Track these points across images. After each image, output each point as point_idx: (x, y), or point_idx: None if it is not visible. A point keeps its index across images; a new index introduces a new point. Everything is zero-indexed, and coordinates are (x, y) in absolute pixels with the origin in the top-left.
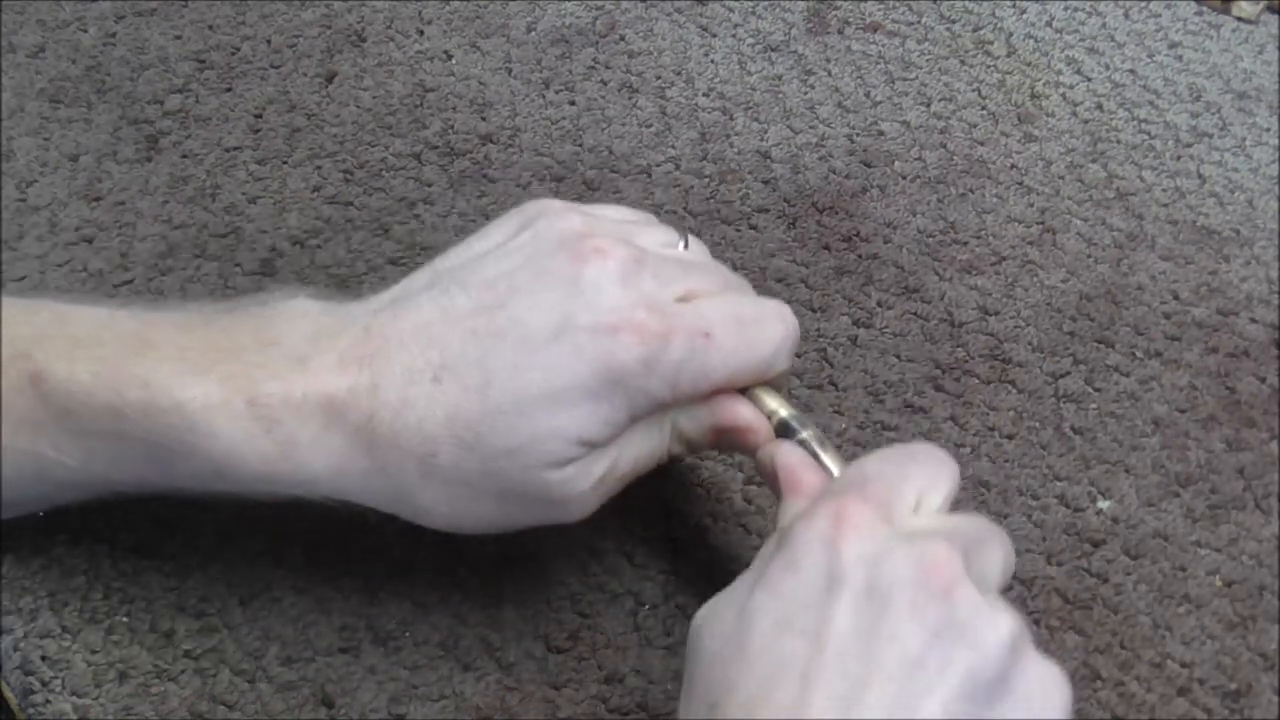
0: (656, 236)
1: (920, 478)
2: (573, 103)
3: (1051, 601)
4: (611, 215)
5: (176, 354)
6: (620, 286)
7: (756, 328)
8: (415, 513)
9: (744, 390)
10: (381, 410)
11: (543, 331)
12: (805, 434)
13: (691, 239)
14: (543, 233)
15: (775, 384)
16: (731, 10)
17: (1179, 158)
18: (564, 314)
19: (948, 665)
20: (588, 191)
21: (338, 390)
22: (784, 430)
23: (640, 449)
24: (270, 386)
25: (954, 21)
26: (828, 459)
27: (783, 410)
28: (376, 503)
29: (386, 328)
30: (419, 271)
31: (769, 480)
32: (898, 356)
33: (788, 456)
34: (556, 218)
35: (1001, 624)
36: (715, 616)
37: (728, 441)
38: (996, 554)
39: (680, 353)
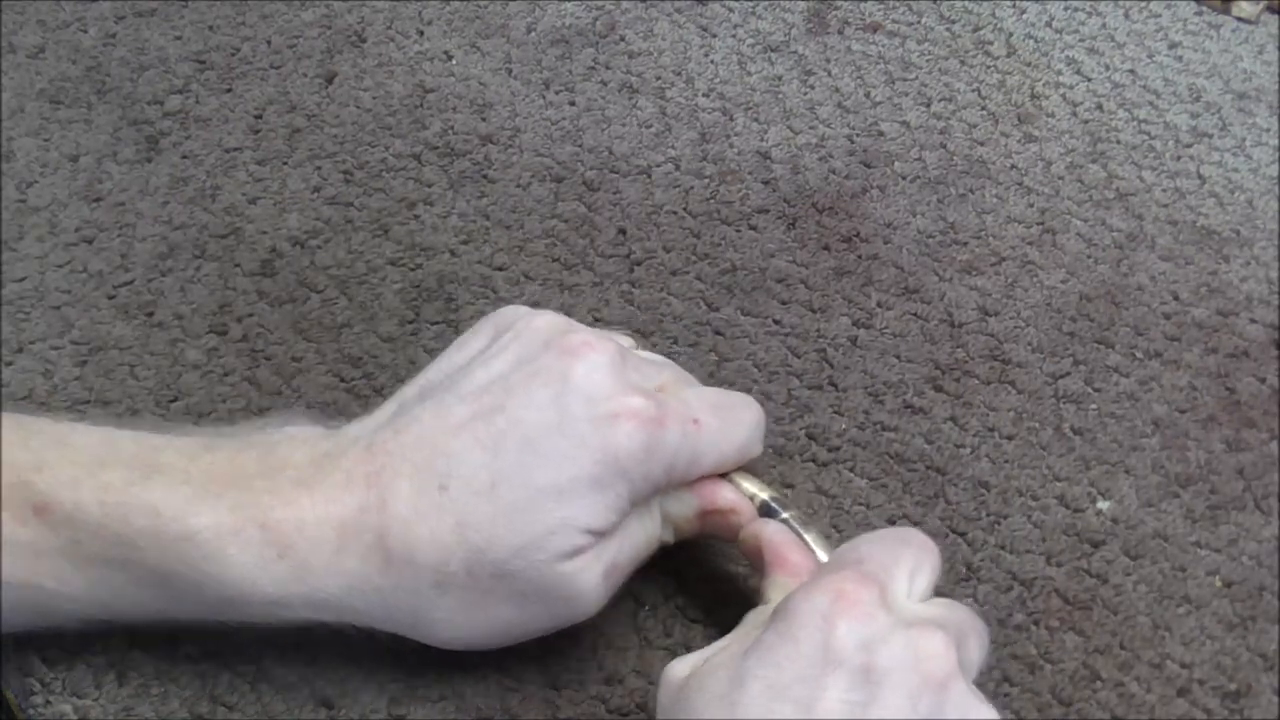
0: (620, 339)
1: (910, 560)
2: (573, 103)
3: (1051, 602)
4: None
5: (183, 480)
6: (612, 377)
7: (734, 413)
8: (430, 629)
9: (724, 476)
10: (392, 524)
11: (543, 428)
12: (787, 514)
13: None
14: (524, 334)
15: (752, 469)
16: (731, 10)
17: (1179, 158)
18: (562, 408)
19: None
20: (588, 192)
21: (347, 511)
22: (766, 512)
23: (638, 536)
24: (281, 512)
25: (954, 21)
26: (810, 538)
27: (763, 493)
28: (390, 624)
29: (388, 443)
30: (407, 386)
31: (752, 559)
32: (898, 357)
33: (773, 534)
34: (533, 318)
35: None
36: (707, 675)
37: (713, 524)
38: (976, 643)
39: (676, 438)
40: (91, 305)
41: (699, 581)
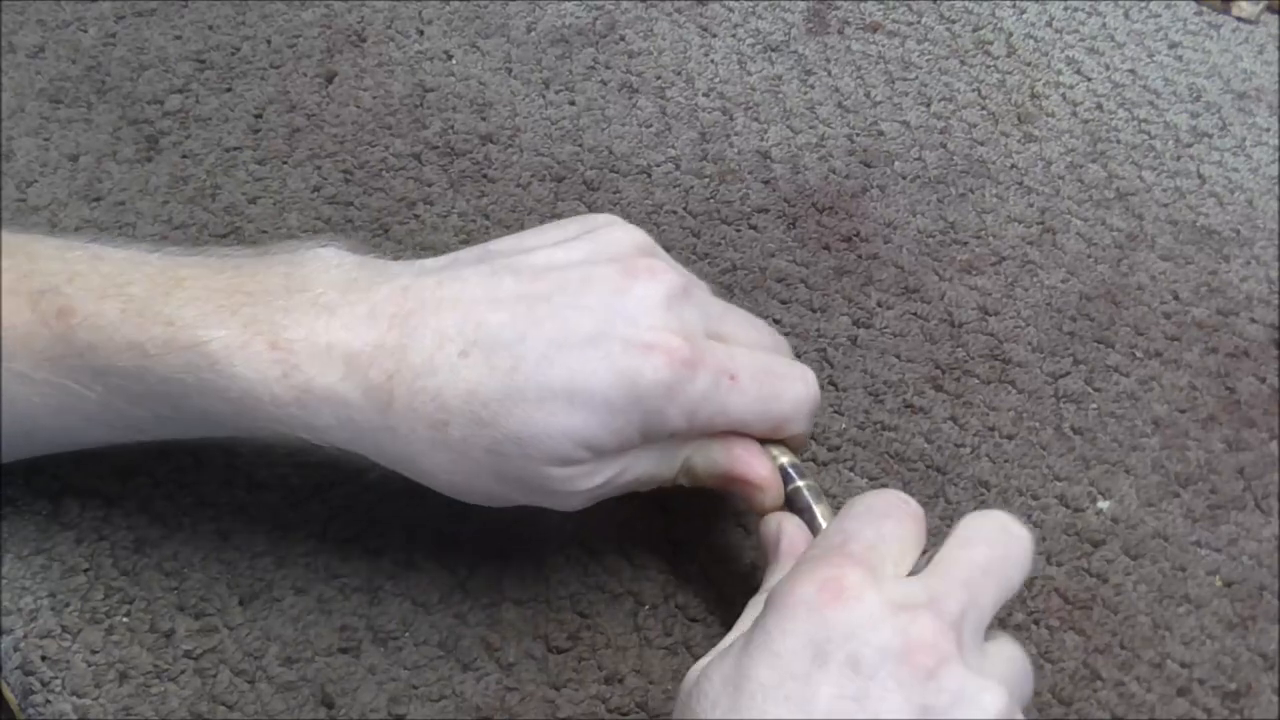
0: (696, 281)
1: (894, 533)
2: (573, 103)
3: (1051, 601)
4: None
5: (204, 295)
6: (663, 309)
7: (781, 383)
8: (418, 475)
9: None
10: (403, 371)
11: (579, 332)
12: (802, 483)
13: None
14: (602, 240)
15: (794, 446)
16: (731, 10)
17: (1179, 158)
18: (603, 321)
19: None
20: (588, 191)
21: (363, 344)
22: (784, 477)
23: (645, 469)
24: (293, 332)
25: (954, 21)
26: (820, 511)
27: (784, 458)
28: (382, 459)
29: (426, 292)
30: (469, 249)
31: (767, 544)
32: (898, 356)
33: (794, 530)
34: (619, 228)
35: (988, 702)
36: (706, 679)
37: (735, 491)
38: (989, 585)
39: (704, 386)
40: None
41: (699, 581)
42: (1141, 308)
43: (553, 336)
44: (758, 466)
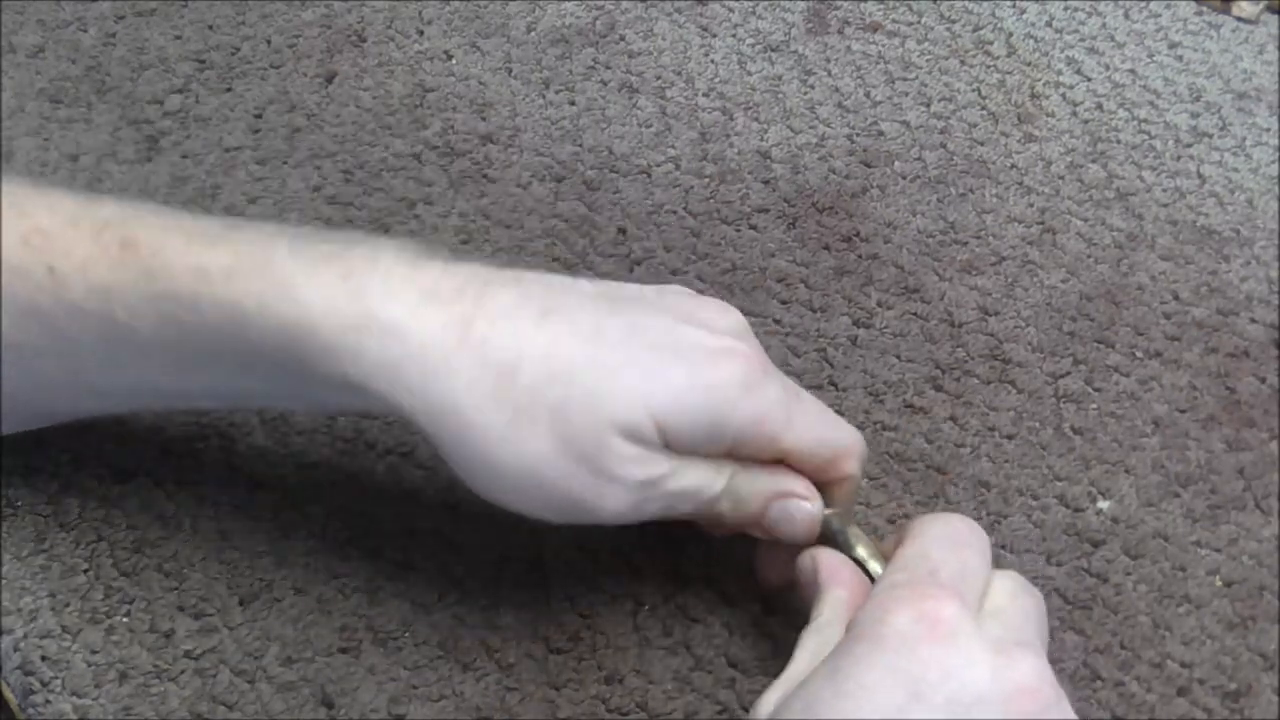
0: None
1: (976, 561)
2: (573, 103)
3: (1051, 601)
4: None
5: (273, 234)
6: (738, 329)
7: (837, 421)
8: (464, 439)
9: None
10: (482, 313)
11: (660, 327)
12: (830, 512)
13: None
14: (670, 288)
15: (842, 496)
16: (731, 10)
17: (1179, 158)
18: (679, 325)
19: None
20: (588, 191)
21: (440, 286)
22: (825, 523)
23: (694, 480)
24: (366, 266)
25: (954, 21)
26: (858, 540)
27: (828, 509)
28: (429, 414)
29: (504, 271)
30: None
31: (807, 580)
32: (898, 356)
33: (829, 556)
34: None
35: None
36: (787, 710)
37: (773, 521)
38: (1042, 623)
39: (775, 394)
40: None
41: (699, 581)
42: (1141, 308)
43: (633, 322)
44: (800, 482)
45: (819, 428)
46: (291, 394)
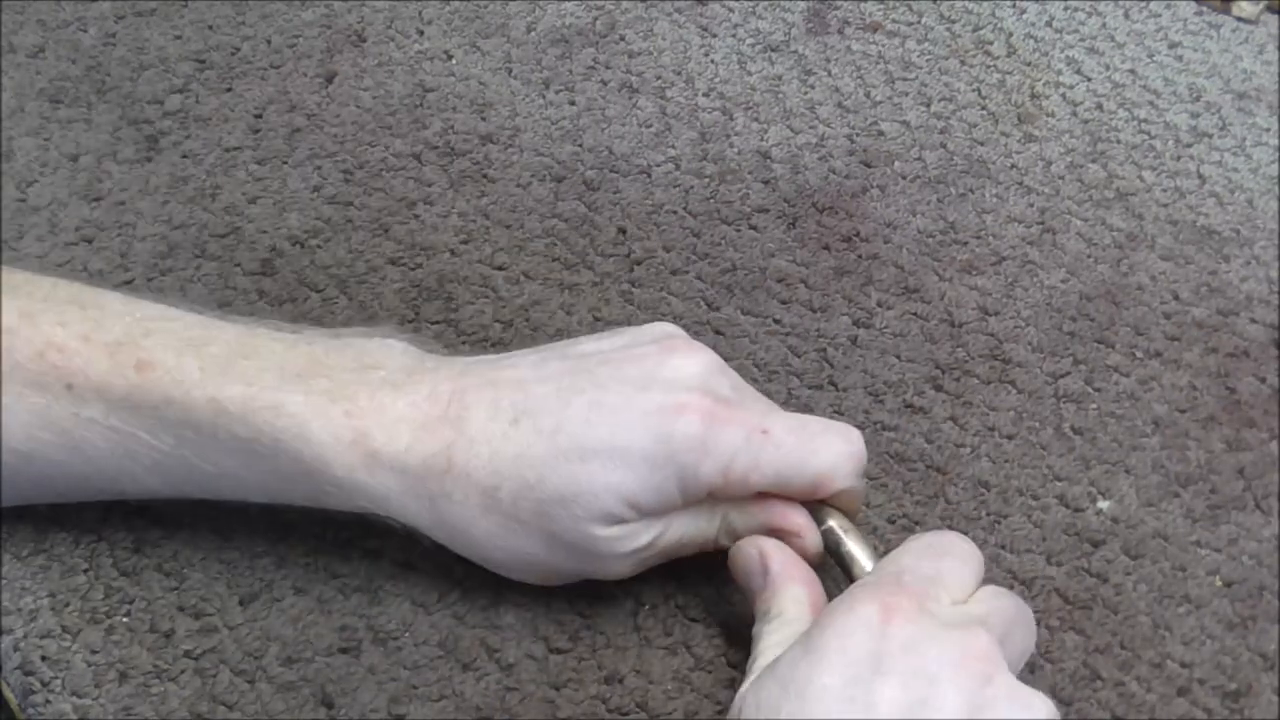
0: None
1: (953, 571)
2: (573, 103)
3: (1051, 601)
4: None
5: (281, 363)
6: (698, 379)
7: (818, 439)
8: (469, 543)
9: (806, 505)
10: (461, 440)
11: (618, 397)
12: (834, 522)
13: None
14: (644, 331)
15: (844, 507)
16: (731, 10)
17: (1179, 158)
18: (641, 387)
19: None
20: (588, 191)
21: (427, 417)
22: (830, 537)
23: (686, 530)
24: (366, 403)
25: (954, 21)
26: (859, 553)
27: (832, 519)
28: (437, 530)
29: (482, 374)
30: (527, 350)
31: (751, 571)
32: (898, 356)
33: (775, 549)
34: (668, 325)
35: (1038, 706)
36: (761, 687)
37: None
38: (1021, 633)
39: (736, 440)
40: None
41: (699, 581)
42: (1141, 308)
43: (593, 401)
44: (794, 515)
45: (793, 458)
46: (303, 499)
